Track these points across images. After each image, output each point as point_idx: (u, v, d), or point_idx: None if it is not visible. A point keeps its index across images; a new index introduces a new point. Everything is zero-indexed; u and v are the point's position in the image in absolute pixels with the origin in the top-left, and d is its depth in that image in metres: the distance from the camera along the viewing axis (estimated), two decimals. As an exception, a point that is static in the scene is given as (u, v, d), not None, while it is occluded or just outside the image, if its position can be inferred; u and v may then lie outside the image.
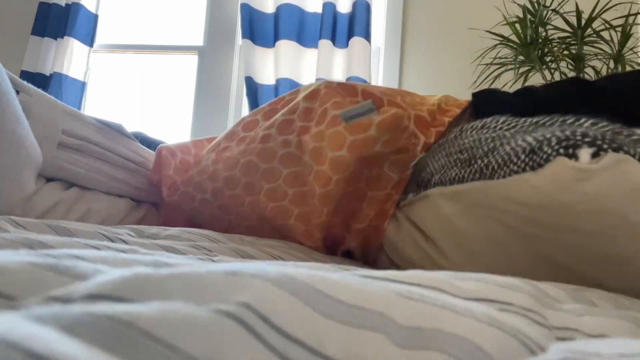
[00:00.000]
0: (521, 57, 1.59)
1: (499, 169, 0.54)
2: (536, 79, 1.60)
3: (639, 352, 0.17)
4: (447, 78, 2.05)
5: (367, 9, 2.00)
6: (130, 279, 0.14)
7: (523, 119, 0.62)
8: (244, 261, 0.34)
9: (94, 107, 2.41)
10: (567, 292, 0.28)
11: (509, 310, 0.20)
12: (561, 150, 0.50)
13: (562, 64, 1.63)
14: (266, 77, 2.05)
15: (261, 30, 2.08)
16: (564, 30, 1.51)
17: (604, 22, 1.49)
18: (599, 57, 1.54)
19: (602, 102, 0.59)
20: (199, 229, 0.59)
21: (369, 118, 0.68)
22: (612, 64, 1.71)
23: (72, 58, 2.21)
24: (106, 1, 2.39)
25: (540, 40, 1.54)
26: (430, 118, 0.73)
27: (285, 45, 2.05)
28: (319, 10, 2.07)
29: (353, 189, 0.71)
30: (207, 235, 0.57)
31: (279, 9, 2.08)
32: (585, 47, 1.54)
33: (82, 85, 2.24)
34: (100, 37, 2.35)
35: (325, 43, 2.01)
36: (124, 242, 0.44)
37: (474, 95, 0.76)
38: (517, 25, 1.57)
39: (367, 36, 1.99)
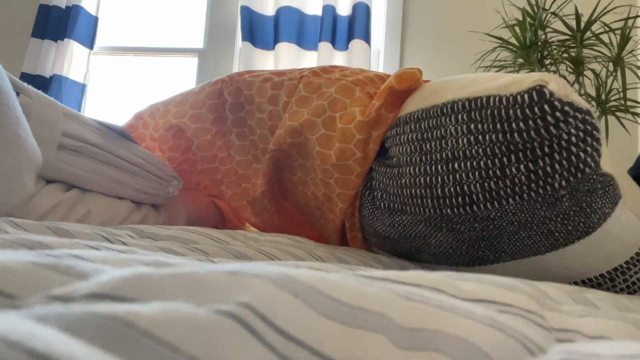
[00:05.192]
0: (520, 60, 1.59)
1: None
2: (536, 82, 1.60)
3: (638, 353, 0.17)
4: (446, 81, 2.05)
5: (367, 11, 2.01)
6: (130, 278, 0.14)
7: None
8: (243, 262, 0.34)
9: (94, 109, 2.41)
10: (568, 294, 0.28)
11: (509, 311, 0.20)
12: None
13: (562, 67, 1.63)
14: (266, 79, 2.06)
15: (261, 33, 2.08)
16: (563, 33, 1.51)
17: (603, 25, 1.49)
18: (598, 60, 1.54)
19: None
20: (200, 228, 0.59)
21: None
22: (611, 67, 1.71)
23: (72, 60, 2.21)
24: (106, 3, 2.40)
25: (539, 43, 1.55)
26: None
27: (285, 48, 2.05)
28: (319, 12, 2.07)
29: None
30: (208, 234, 0.56)
31: (279, 11, 2.08)
32: (585, 50, 1.54)
33: (82, 88, 2.24)
34: (101, 40, 2.35)
35: (325, 45, 2.01)
36: (124, 243, 0.44)
37: None
38: (517, 28, 1.58)
39: (366, 38, 1.99)
